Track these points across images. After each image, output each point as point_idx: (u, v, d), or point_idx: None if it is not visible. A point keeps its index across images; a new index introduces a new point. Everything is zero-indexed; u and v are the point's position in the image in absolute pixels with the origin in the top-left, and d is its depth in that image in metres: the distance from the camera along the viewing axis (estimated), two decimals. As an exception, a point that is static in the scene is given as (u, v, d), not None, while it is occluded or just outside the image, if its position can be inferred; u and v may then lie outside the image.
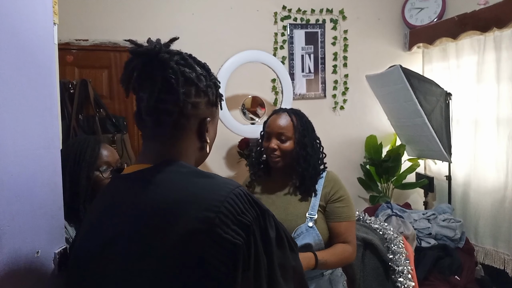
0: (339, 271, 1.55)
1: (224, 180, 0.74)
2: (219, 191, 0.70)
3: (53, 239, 0.91)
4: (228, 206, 0.68)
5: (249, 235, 0.68)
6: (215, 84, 0.85)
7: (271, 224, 0.73)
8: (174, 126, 0.78)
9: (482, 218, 2.82)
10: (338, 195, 1.48)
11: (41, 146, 0.87)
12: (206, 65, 0.85)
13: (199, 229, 0.66)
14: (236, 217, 0.67)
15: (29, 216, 0.82)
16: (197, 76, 0.79)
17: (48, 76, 0.91)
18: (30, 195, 0.83)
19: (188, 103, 0.77)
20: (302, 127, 1.51)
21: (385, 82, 3.02)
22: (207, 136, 0.83)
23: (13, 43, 0.79)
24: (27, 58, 0.83)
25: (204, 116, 0.81)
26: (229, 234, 0.66)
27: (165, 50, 0.75)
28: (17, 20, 0.80)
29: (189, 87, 0.77)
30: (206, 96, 0.81)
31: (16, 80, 0.79)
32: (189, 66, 0.78)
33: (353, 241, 1.47)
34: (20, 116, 0.80)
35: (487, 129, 2.79)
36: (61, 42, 2.61)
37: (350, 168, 3.39)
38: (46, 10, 0.92)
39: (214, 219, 0.66)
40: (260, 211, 0.72)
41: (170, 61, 0.74)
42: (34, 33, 0.87)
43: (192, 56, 0.83)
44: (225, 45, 3.03)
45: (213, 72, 0.87)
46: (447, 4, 3.20)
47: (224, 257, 0.65)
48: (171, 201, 0.70)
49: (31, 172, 0.84)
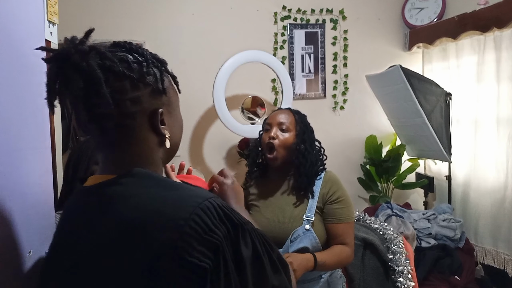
0: (338, 273, 1.54)
1: (191, 192, 0.66)
2: (184, 207, 0.62)
3: (45, 239, 0.91)
4: (193, 225, 0.59)
5: (218, 256, 0.60)
6: (160, 69, 0.73)
7: (245, 241, 0.64)
8: (120, 129, 0.69)
9: (482, 218, 2.82)
10: (336, 196, 1.46)
11: (33, 146, 0.87)
12: (141, 50, 0.72)
13: (162, 254, 0.58)
14: (203, 236, 0.59)
15: (20, 216, 0.81)
16: (128, 67, 0.67)
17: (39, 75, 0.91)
18: (21, 195, 0.82)
19: (125, 101, 0.67)
20: (303, 123, 1.53)
21: (385, 82, 3.02)
22: (165, 129, 0.73)
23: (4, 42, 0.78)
24: (18, 58, 0.83)
25: (152, 108, 0.71)
26: (194, 257, 0.58)
27: (78, 49, 0.63)
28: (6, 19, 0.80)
29: (120, 83, 0.66)
30: (147, 86, 0.70)
31: (7, 80, 0.79)
32: (113, 59, 0.65)
33: (351, 242, 1.45)
34: (12, 116, 0.80)
35: (487, 129, 2.79)
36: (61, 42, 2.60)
37: (350, 168, 3.39)
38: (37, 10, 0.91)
39: (177, 241, 0.58)
40: (232, 226, 0.63)
41: (84, 61, 0.63)
42: (25, 33, 0.86)
43: (120, 44, 0.71)
44: (225, 45, 3.03)
45: (155, 55, 0.76)
46: (447, 4, 3.20)
47: (193, 283, 0.58)
48: (130, 223, 0.62)
49: (23, 172, 0.83)
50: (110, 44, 0.71)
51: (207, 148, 3.14)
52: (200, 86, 2.94)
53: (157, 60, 0.74)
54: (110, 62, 0.65)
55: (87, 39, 0.66)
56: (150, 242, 0.59)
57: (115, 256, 0.62)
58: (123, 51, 0.70)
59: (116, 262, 0.61)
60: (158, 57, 0.76)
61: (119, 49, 0.70)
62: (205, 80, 2.85)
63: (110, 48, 0.70)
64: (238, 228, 0.64)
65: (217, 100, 2.70)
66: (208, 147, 3.14)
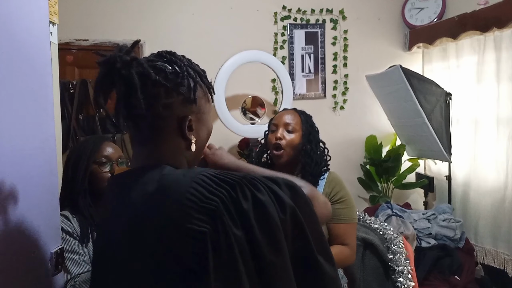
0: (340, 273, 1.54)
1: (189, 172, 0.74)
2: (181, 183, 0.70)
3: (49, 239, 0.91)
4: (189, 196, 0.67)
5: (216, 220, 0.66)
6: (194, 80, 0.81)
7: (244, 195, 0.70)
8: (151, 129, 0.79)
9: (482, 218, 2.82)
10: (339, 196, 1.46)
11: (37, 146, 0.87)
12: (180, 62, 0.81)
13: (166, 226, 0.68)
14: (199, 205, 0.67)
15: (25, 216, 0.81)
16: (165, 77, 0.77)
17: (44, 76, 0.91)
18: (25, 195, 0.83)
19: (159, 105, 0.76)
20: (309, 124, 1.53)
21: (385, 82, 3.02)
22: (192, 135, 0.81)
23: (8, 43, 0.78)
24: (22, 58, 0.83)
25: (182, 115, 0.79)
26: (193, 223, 0.66)
27: (122, 59, 0.74)
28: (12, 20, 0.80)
29: (156, 89, 0.76)
30: (179, 95, 0.78)
31: (11, 80, 0.79)
32: (148, 70, 0.75)
33: (352, 243, 1.45)
34: (16, 116, 0.80)
35: (487, 129, 2.79)
36: (61, 42, 2.61)
37: (350, 168, 3.39)
38: (41, 10, 0.91)
39: (178, 212, 0.67)
40: (230, 186, 0.70)
41: (125, 69, 0.74)
42: (30, 33, 0.86)
43: (163, 55, 0.81)
44: (225, 45, 3.03)
45: (195, 66, 0.84)
46: (447, 4, 3.20)
47: (195, 248, 0.66)
48: (141, 205, 0.72)
49: (27, 172, 0.84)
50: (155, 54, 0.81)
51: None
52: (200, 86, 2.94)
53: (195, 71, 0.82)
54: (147, 72, 0.75)
55: (133, 49, 0.77)
56: (157, 219, 0.69)
57: (133, 239, 0.72)
58: (164, 61, 0.79)
59: (134, 241, 0.72)
60: (197, 69, 0.84)
61: (161, 59, 0.80)
62: (205, 80, 2.85)
63: (153, 58, 0.80)
64: (235, 186, 0.70)
65: (217, 100, 2.70)
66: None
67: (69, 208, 1.25)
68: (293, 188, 0.77)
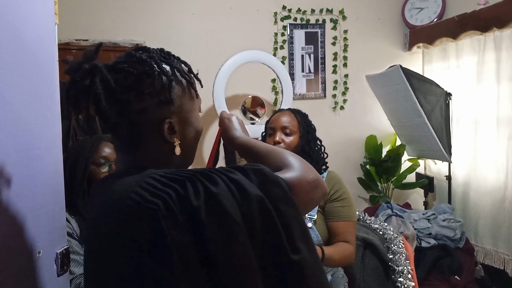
0: (340, 272, 1.54)
1: (141, 175, 0.68)
2: (126, 188, 0.66)
3: (55, 239, 0.91)
4: (129, 202, 0.63)
5: (154, 225, 0.61)
6: (169, 78, 0.74)
7: (196, 191, 0.63)
8: (129, 136, 0.74)
9: (482, 218, 2.82)
10: (338, 194, 1.47)
11: (42, 146, 0.88)
12: (150, 59, 0.73)
13: (109, 234, 0.65)
14: (139, 210, 0.62)
15: (30, 216, 0.82)
16: (133, 80, 0.70)
17: (50, 76, 0.92)
18: (31, 195, 0.83)
19: (131, 112, 0.71)
20: (306, 123, 1.53)
21: (385, 82, 3.02)
22: (175, 137, 0.75)
23: (14, 43, 0.79)
24: (28, 58, 0.83)
25: (159, 118, 0.73)
26: (131, 231, 0.62)
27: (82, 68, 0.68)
28: (18, 21, 0.80)
29: (125, 96, 0.70)
30: (153, 97, 0.72)
31: (18, 80, 0.79)
32: (107, 77, 0.69)
33: (353, 241, 1.45)
34: (22, 116, 0.80)
35: (487, 129, 2.79)
36: (61, 42, 2.61)
37: (350, 168, 3.39)
38: (47, 11, 0.91)
39: (117, 220, 0.64)
40: (179, 184, 0.64)
41: (86, 79, 0.68)
42: (35, 33, 0.87)
43: (131, 54, 0.74)
44: (225, 45, 3.03)
45: (172, 61, 0.77)
46: (447, 4, 3.20)
47: (132, 257, 0.62)
48: (96, 213, 0.71)
49: (33, 172, 0.84)
50: (125, 54, 0.75)
51: (207, 148, 3.14)
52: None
53: (172, 67, 0.76)
54: (107, 78, 0.69)
55: (96, 54, 0.71)
56: (108, 226, 0.66)
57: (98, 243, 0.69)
58: (133, 61, 0.72)
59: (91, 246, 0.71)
60: (174, 64, 0.77)
61: (130, 59, 0.73)
62: (205, 80, 2.83)
63: (121, 59, 0.73)
64: (185, 183, 0.64)
65: (217, 100, 2.70)
66: (208, 147, 3.13)
67: (68, 209, 1.25)
68: (262, 174, 0.69)
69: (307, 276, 0.65)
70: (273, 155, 0.81)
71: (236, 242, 0.62)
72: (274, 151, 0.82)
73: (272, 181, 0.69)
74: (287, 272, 0.65)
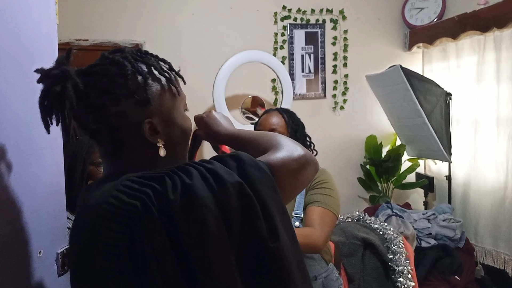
0: (335, 275, 1.51)
1: (119, 179, 0.65)
2: (103, 194, 0.63)
3: (56, 239, 0.91)
4: (106, 206, 0.61)
5: (132, 228, 0.59)
6: (144, 77, 0.71)
7: (174, 185, 0.62)
8: (110, 142, 0.71)
9: (482, 218, 2.82)
10: (321, 184, 1.42)
11: (43, 146, 0.87)
12: (123, 60, 0.70)
13: (91, 239, 0.62)
14: (116, 213, 0.60)
15: (31, 216, 0.82)
16: (110, 82, 0.68)
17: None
18: (32, 195, 0.83)
19: (109, 116, 0.68)
20: (294, 123, 1.53)
21: (385, 82, 3.02)
22: (158, 138, 0.72)
23: (16, 43, 0.79)
24: (28, 58, 0.83)
25: (138, 120, 0.70)
26: (109, 236, 0.59)
27: (51, 75, 0.66)
28: (18, 21, 0.80)
29: (99, 100, 0.67)
30: (129, 98, 0.69)
31: (19, 80, 0.79)
32: (79, 79, 0.66)
33: (326, 229, 1.33)
34: (22, 116, 0.80)
35: (487, 129, 2.79)
36: (61, 42, 2.60)
37: (350, 168, 3.39)
38: (49, 10, 0.92)
39: (94, 225, 0.62)
40: (157, 181, 0.62)
41: (57, 86, 0.65)
42: (37, 33, 0.87)
43: (104, 56, 0.71)
44: (225, 45, 3.03)
45: (148, 59, 0.74)
46: (447, 4, 3.20)
47: (110, 264, 0.60)
48: (79, 217, 0.68)
49: (34, 172, 0.84)
50: (99, 57, 0.72)
51: (207, 148, 3.13)
52: (200, 86, 2.93)
53: (148, 65, 0.73)
54: (76, 83, 0.65)
55: (68, 59, 0.68)
56: (84, 233, 0.64)
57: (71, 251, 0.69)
58: (106, 63, 0.70)
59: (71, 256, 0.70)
60: (150, 62, 0.74)
61: (103, 62, 0.70)
62: (205, 80, 2.85)
63: (95, 63, 0.71)
64: (164, 179, 0.63)
65: (217, 100, 2.70)
66: (208, 147, 3.13)
67: (68, 209, 1.25)
68: (239, 159, 0.67)
69: (286, 261, 0.64)
70: (259, 139, 0.79)
71: (209, 233, 0.60)
72: (260, 135, 0.81)
73: (251, 164, 0.67)
74: (267, 258, 0.63)
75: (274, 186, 0.68)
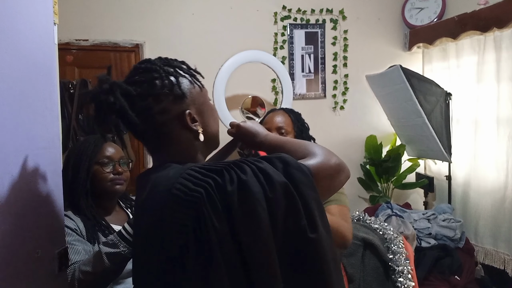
0: None
1: (180, 167, 0.75)
2: (170, 180, 0.73)
3: (54, 239, 0.91)
4: (174, 191, 0.70)
5: (198, 212, 0.68)
6: (175, 76, 0.83)
7: (231, 179, 0.70)
8: (158, 138, 0.83)
9: (482, 218, 2.82)
10: None
11: (41, 146, 0.87)
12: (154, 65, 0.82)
13: (155, 222, 0.72)
14: (184, 198, 0.69)
15: (29, 216, 0.82)
16: (147, 86, 0.79)
17: (49, 76, 0.91)
18: (30, 195, 0.83)
19: (154, 115, 0.80)
20: (300, 123, 1.53)
21: (385, 82, 3.02)
22: (197, 126, 0.83)
23: (14, 43, 0.78)
24: (27, 58, 0.83)
25: (179, 112, 0.82)
26: (178, 217, 0.68)
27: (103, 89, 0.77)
28: (17, 20, 0.80)
29: (144, 102, 0.79)
30: (168, 95, 0.80)
31: (17, 80, 0.79)
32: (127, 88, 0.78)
33: (349, 221, 1.37)
34: (21, 116, 0.80)
35: (487, 129, 2.79)
36: (61, 42, 2.61)
37: (350, 168, 3.34)
38: (46, 11, 0.91)
39: (164, 208, 0.70)
40: (217, 174, 0.71)
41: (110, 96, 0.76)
42: (35, 33, 0.87)
43: (138, 67, 0.83)
44: (225, 45, 3.03)
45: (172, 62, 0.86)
46: (447, 4, 3.20)
47: (178, 241, 0.68)
48: (139, 206, 0.80)
49: (32, 172, 0.84)
50: (131, 70, 0.84)
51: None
52: (200, 86, 2.94)
53: (173, 67, 0.84)
54: (127, 90, 0.78)
55: (109, 74, 0.81)
56: (150, 216, 0.73)
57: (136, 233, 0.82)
58: (141, 72, 0.82)
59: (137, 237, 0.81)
60: (174, 64, 0.86)
61: (137, 71, 0.82)
62: (205, 80, 2.84)
63: (130, 74, 0.83)
64: (222, 172, 0.71)
65: (217, 100, 2.70)
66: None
67: (71, 209, 1.24)
68: (285, 162, 0.76)
69: (323, 252, 0.72)
70: (297, 147, 0.87)
71: (260, 225, 0.68)
72: (298, 144, 0.89)
73: (295, 167, 0.75)
74: (306, 248, 0.71)
75: (314, 186, 0.76)
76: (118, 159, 1.33)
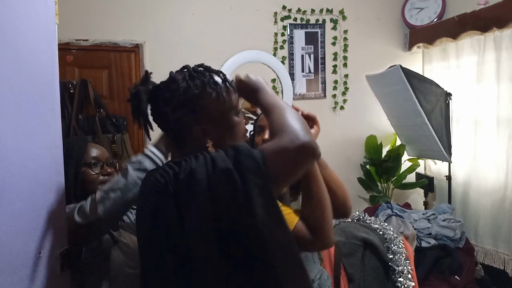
0: (325, 274, 1.51)
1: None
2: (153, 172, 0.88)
3: (56, 239, 0.91)
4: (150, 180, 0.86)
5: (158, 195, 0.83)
6: (200, 88, 0.90)
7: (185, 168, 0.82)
8: (175, 138, 0.96)
9: (482, 218, 2.82)
10: None
11: (43, 146, 0.87)
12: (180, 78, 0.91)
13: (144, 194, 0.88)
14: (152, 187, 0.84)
15: (31, 216, 0.82)
16: (171, 95, 0.89)
17: (50, 76, 0.91)
18: (32, 195, 0.83)
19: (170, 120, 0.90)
20: None
21: (385, 82, 3.02)
22: (208, 139, 0.91)
23: (15, 43, 0.78)
24: (28, 58, 0.83)
25: (192, 124, 0.90)
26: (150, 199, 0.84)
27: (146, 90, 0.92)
28: (19, 21, 0.80)
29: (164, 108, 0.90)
30: (185, 107, 0.89)
31: (18, 80, 0.79)
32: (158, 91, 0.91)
33: None
34: (22, 116, 0.80)
35: (487, 129, 2.79)
36: (61, 42, 2.61)
37: (350, 168, 3.39)
38: (48, 11, 0.91)
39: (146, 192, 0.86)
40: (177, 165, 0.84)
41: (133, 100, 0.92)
42: (36, 34, 0.87)
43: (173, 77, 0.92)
44: (225, 45, 3.03)
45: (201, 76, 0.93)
46: (447, 4, 3.20)
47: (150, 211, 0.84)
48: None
49: (33, 172, 0.84)
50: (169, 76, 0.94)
51: (207, 148, 3.13)
52: (200, 86, 2.94)
53: (202, 82, 0.91)
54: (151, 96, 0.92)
55: (150, 78, 0.94)
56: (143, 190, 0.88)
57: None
58: (170, 80, 0.91)
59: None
60: (202, 78, 0.92)
61: (168, 80, 0.92)
62: (205, 80, 2.85)
63: (165, 80, 0.93)
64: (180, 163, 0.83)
65: (217, 100, 2.69)
66: (208, 147, 3.13)
67: None
68: (236, 149, 0.81)
69: (263, 238, 0.74)
70: (276, 119, 0.87)
71: (198, 205, 0.76)
72: (278, 116, 0.87)
73: (245, 154, 0.79)
74: (242, 233, 0.75)
75: (262, 172, 0.77)
76: (105, 159, 1.30)
